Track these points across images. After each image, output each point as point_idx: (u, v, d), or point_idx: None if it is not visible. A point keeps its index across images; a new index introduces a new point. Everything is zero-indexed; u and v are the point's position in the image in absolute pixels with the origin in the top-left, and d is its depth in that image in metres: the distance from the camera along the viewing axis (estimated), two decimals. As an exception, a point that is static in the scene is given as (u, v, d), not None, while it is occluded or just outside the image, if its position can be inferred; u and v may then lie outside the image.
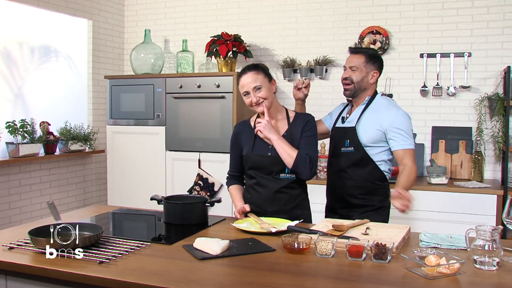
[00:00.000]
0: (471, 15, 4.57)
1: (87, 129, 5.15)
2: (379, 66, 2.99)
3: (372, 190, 2.91)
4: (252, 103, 2.75)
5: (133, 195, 5.05)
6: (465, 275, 1.87)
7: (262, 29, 5.29)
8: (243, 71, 2.79)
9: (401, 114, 2.86)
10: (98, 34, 5.43)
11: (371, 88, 2.97)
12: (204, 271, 1.94)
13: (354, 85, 2.93)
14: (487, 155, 4.51)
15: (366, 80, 2.93)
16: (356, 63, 2.93)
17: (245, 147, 2.88)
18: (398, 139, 2.82)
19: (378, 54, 3.11)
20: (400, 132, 2.81)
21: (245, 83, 2.74)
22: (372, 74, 2.94)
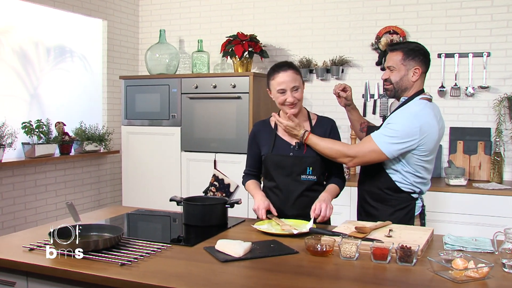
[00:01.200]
0: (490, 14, 4.50)
1: (102, 129, 5.15)
2: (422, 60, 2.67)
3: (382, 199, 2.73)
4: (286, 102, 2.72)
5: (148, 196, 5.04)
6: (494, 279, 1.83)
7: (278, 29, 5.26)
8: (281, 68, 2.73)
9: (405, 120, 2.58)
10: (113, 34, 5.43)
11: (414, 86, 2.69)
12: (227, 273, 1.91)
13: (393, 85, 2.70)
14: (506, 156, 4.45)
15: (406, 79, 2.66)
16: (393, 62, 2.68)
17: (264, 147, 2.86)
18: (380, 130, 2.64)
19: (419, 47, 2.70)
20: (388, 127, 2.60)
21: (284, 80, 2.70)
22: (413, 71, 2.64)
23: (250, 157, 2.98)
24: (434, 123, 2.60)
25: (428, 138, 2.57)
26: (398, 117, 2.62)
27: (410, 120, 2.56)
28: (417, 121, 2.55)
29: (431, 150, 2.64)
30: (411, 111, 2.60)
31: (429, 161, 2.67)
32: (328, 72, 5.01)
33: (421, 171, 2.67)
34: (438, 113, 2.70)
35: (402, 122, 2.58)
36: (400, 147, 2.57)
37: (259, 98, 4.74)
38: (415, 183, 2.69)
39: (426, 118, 2.58)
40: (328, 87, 4.99)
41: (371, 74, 4.81)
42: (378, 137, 2.60)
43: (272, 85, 2.76)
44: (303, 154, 2.77)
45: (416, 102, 2.66)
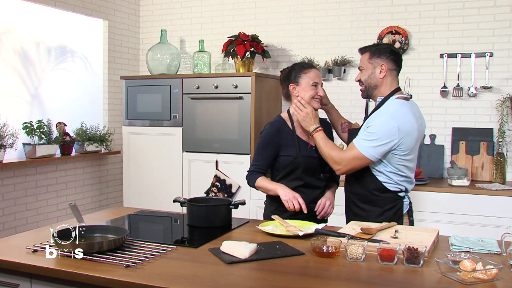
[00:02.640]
0: (493, 14, 4.49)
1: (103, 130, 5.14)
2: (389, 57, 2.71)
3: (370, 201, 2.75)
4: (317, 95, 2.88)
5: (149, 196, 5.02)
6: (503, 281, 1.82)
7: (280, 29, 5.24)
8: (308, 65, 2.94)
9: (384, 122, 2.59)
10: (114, 34, 5.41)
11: (384, 84, 2.71)
12: (234, 275, 1.90)
13: (364, 84, 2.76)
14: (509, 157, 4.44)
15: (374, 76, 2.71)
16: (362, 62, 2.78)
17: (288, 147, 2.89)
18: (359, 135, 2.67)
19: (387, 46, 2.79)
20: (367, 130, 2.62)
21: (317, 75, 2.90)
22: (379, 67, 2.69)
23: (264, 156, 2.93)
24: (412, 121, 2.62)
25: (407, 138, 2.60)
26: (375, 119, 2.63)
27: (387, 121, 2.58)
28: (395, 121, 2.57)
29: (412, 149, 2.67)
30: (388, 111, 2.62)
31: (410, 160, 2.70)
32: (330, 73, 5.00)
33: (404, 170, 2.70)
34: (416, 112, 2.73)
35: (380, 124, 2.60)
36: (381, 150, 2.60)
37: (261, 99, 4.73)
38: (399, 181, 2.72)
39: (403, 117, 2.60)
40: (330, 88, 4.97)
41: (373, 74, 4.80)
42: (358, 143, 2.64)
43: (304, 78, 2.88)
44: None
45: (393, 102, 2.68)
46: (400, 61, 2.78)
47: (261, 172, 2.93)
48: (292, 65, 3.01)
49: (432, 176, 4.57)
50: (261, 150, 2.93)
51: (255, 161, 2.95)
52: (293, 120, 2.94)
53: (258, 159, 2.94)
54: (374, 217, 2.70)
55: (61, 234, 2.19)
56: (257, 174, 2.92)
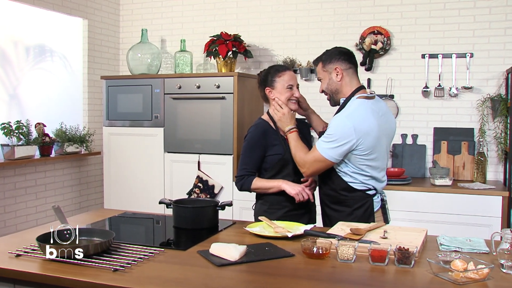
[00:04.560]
0: (473, 16, 4.54)
1: (83, 130, 5.05)
2: (339, 58, 2.73)
3: (339, 201, 2.76)
4: (293, 97, 2.91)
5: (131, 198, 4.96)
6: (494, 280, 1.83)
7: (262, 29, 5.22)
8: (282, 68, 2.95)
9: (340, 122, 2.61)
10: (93, 33, 5.33)
11: (344, 86, 2.72)
12: (225, 278, 1.87)
13: (328, 93, 2.79)
14: (489, 156, 4.49)
15: (332, 82, 2.73)
16: (318, 73, 2.82)
17: (274, 147, 2.89)
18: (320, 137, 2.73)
19: (338, 49, 2.80)
20: (326, 132, 2.66)
21: (291, 78, 2.91)
22: (335, 72, 2.72)
23: (253, 159, 2.90)
24: (370, 121, 2.62)
25: (366, 137, 2.59)
26: (333, 121, 2.66)
27: (343, 122, 2.60)
28: (350, 122, 2.58)
29: (373, 148, 2.65)
30: (345, 112, 2.65)
31: (373, 159, 2.68)
32: (312, 73, 4.99)
33: (367, 169, 2.70)
34: (379, 110, 2.72)
35: (336, 125, 2.62)
36: (339, 151, 2.61)
37: (244, 99, 4.70)
38: (365, 181, 2.72)
39: (359, 117, 2.61)
40: (312, 88, 4.96)
41: (355, 74, 4.80)
42: (319, 145, 2.67)
43: (278, 82, 2.91)
44: None
45: (353, 102, 2.69)
46: (352, 57, 2.79)
47: (253, 175, 2.91)
48: (268, 68, 3.02)
49: (415, 176, 4.59)
50: (249, 153, 2.90)
51: (245, 165, 2.90)
52: (275, 120, 2.94)
53: (247, 162, 2.90)
54: (344, 217, 2.72)
55: (43, 238, 2.14)
56: (249, 177, 2.90)
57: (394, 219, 3.07)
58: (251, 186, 2.88)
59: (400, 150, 4.69)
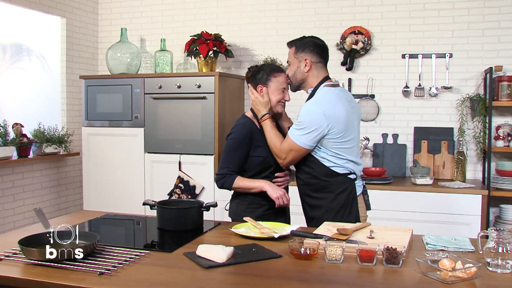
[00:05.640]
0: (452, 17, 4.59)
1: (62, 131, 4.97)
2: (313, 50, 2.78)
3: (322, 187, 2.77)
4: (283, 99, 2.89)
5: (111, 199, 4.89)
6: (481, 279, 1.84)
7: (242, 28, 5.20)
8: (279, 69, 2.92)
9: (310, 109, 2.66)
10: (72, 32, 5.24)
11: (310, 77, 2.78)
12: (213, 280, 1.85)
13: (290, 79, 2.85)
14: (469, 155, 4.54)
15: (299, 71, 2.79)
16: (289, 56, 2.88)
17: (257, 148, 2.88)
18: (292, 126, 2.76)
19: (311, 39, 2.87)
20: (297, 120, 2.70)
21: (285, 80, 2.89)
22: (304, 62, 2.77)
23: (236, 158, 2.87)
24: (337, 105, 2.69)
25: (336, 121, 2.65)
26: (302, 109, 2.70)
27: (312, 109, 2.66)
28: (319, 108, 2.65)
29: (345, 131, 2.70)
30: (313, 100, 2.73)
31: (347, 141, 2.73)
32: (293, 72, 4.98)
33: (342, 153, 2.74)
34: (344, 96, 2.81)
35: (306, 112, 2.67)
36: (312, 137, 2.66)
37: (225, 99, 4.68)
38: (344, 164, 2.76)
39: (327, 103, 2.68)
40: (293, 87, 4.97)
41: (336, 74, 4.78)
42: (291, 133, 2.71)
43: (273, 82, 2.87)
44: None
45: (320, 90, 2.76)
46: (325, 52, 2.84)
47: (234, 174, 2.89)
48: (261, 65, 2.99)
49: (395, 175, 4.63)
50: (233, 152, 2.87)
51: (227, 164, 2.87)
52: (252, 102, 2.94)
53: (230, 161, 2.87)
54: (329, 203, 2.75)
55: (27, 241, 2.10)
56: (231, 175, 2.87)
57: (375, 218, 3.08)
58: (233, 185, 2.86)
59: (381, 150, 4.72)
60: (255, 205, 2.87)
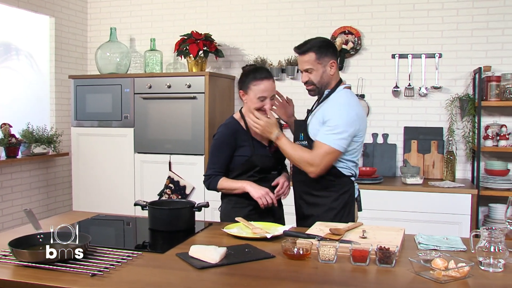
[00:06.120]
0: (441, 17, 4.61)
1: (51, 131, 4.92)
2: (333, 52, 2.77)
3: (327, 186, 2.76)
4: (263, 108, 2.80)
5: (100, 200, 4.86)
6: (474, 278, 1.84)
7: (232, 28, 5.19)
8: (264, 76, 2.79)
9: (343, 113, 2.65)
10: (60, 32, 5.20)
11: (333, 79, 2.78)
12: (207, 281, 1.84)
13: (316, 85, 2.77)
14: (458, 155, 4.57)
15: (326, 75, 2.75)
16: (309, 64, 2.74)
17: (242, 148, 2.85)
18: (322, 129, 2.67)
19: (326, 41, 2.84)
20: (328, 124, 2.64)
21: (267, 89, 2.78)
22: (330, 65, 2.74)
23: (221, 159, 2.87)
24: (360, 107, 2.78)
25: (363, 123, 2.75)
26: (333, 112, 2.67)
27: (346, 111, 2.67)
28: (352, 110, 2.68)
29: (364, 132, 2.78)
30: (342, 102, 2.71)
31: (359, 143, 2.79)
32: (283, 72, 4.99)
33: (351, 154, 2.77)
34: None
35: (340, 115, 2.65)
36: (349, 139, 2.67)
37: (215, 98, 4.67)
38: (352, 167, 2.80)
39: (357, 105, 2.74)
40: (283, 87, 4.95)
41: (327, 74, 4.80)
42: (325, 138, 2.65)
43: (252, 90, 2.79)
44: (279, 155, 2.88)
45: (341, 92, 2.77)
46: (337, 50, 2.88)
47: (220, 174, 2.89)
48: (250, 70, 2.89)
49: (385, 174, 4.64)
50: (217, 153, 2.87)
51: (212, 164, 2.89)
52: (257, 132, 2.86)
53: (215, 162, 2.88)
54: (331, 202, 2.76)
55: (17, 243, 2.07)
56: (216, 176, 2.88)
57: (366, 218, 3.07)
58: (217, 186, 2.87)
59: (371, 150, 4.73)
60: (240, 205, 2.86)
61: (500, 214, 4.14)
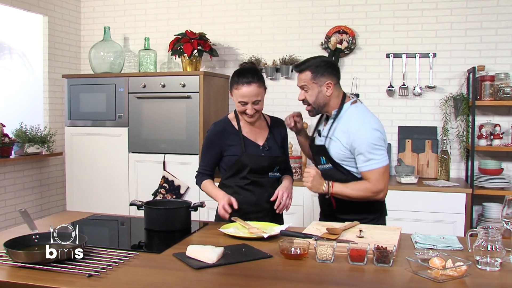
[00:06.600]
0: (435, 16, 4.62)
1: (44, 130, 4.90)
2: (331, 72, 2.66)
3: (366, 208, 2.69)
4: (246, 113, 2.73)
5: (94, 199, 4.84)
6: (471, 277, 1.85)
7: (226, 27, 5.18)
8: (246, 80, 2.68)
9: (368, 131, 2.58)
10: (54, 31, 5.17)
11: (333, 99, 2.68)
12: (204, 281, 1.83)
13: (312, 105, 2.70)
14: (452, 154, 4.58)
15: (322, 96, 2.66)
16: (304, 81, 2.67)
17: (233, 147, 2.81)
18: (360, 160, 2.60)
19: (325, 60, 2.72)
20: (362, 152, 2.57)
21: (247, 94, 2.68)
22: (326, 86, 2.64)
23: (208, 157, 2.89)
24: (375, 117, 2.70)
25: (383, 130, 2.67)
26: (357, 138, 2.57)
27: (370, 131, 2.58)
28: (374, 128, 2.60)
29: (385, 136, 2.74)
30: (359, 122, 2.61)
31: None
32: (278, 71, 4.99)
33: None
34: None
35: (369, 138, 2.57)
36: (385, 149, 2.64)
37: (209, 98, 4.66)
38: None
39: (373, 119, 2.65)
40: (277, 87, 4.99)
41: (321, 73, 4.80)
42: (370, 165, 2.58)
43: (234, 94, 2.74)
44: (274, 154, 2.85)
45: (352, 110, 2.67)
46: (339, 71, 2.75)
47: (207, 173, 2.90)
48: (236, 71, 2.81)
49: (380, 174, 4.64)
50: (205, 151, 2.90)
51: (202, 162, 2.93)
52: (239, 119, 2.86)
53: (203, 160, 2.92)
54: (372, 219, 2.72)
55: (13, 243, 2.06)
56: (203, 176, 2.91)
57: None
58: (201, 187, 2.91)
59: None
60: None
61: (494, 213, 4.16)
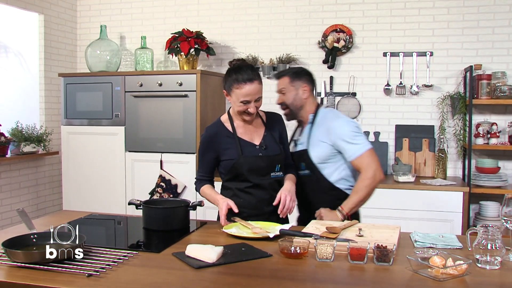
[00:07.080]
0: (432, 15, 4.63)
1: (40, 129, 4.87)
2: (308, 79, 2.92)
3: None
4: (247, 111, 2.67)
5: (91, 199, 4.82)
6: (471, 275, 1.85)
7: (223, 26, 5.17)
8: (248, 78, 2.61)
9: (345, 122, 2.81)
10: (50, 29, 5.15)
11: (308, 103, 2.91)
12: (205, 281, 1.82)
13: (289, 107, 2.91)
14: (449, 153, 4.58)
15: (298, 98, 2.88)
16: (282, 85, 2.93)
17: (228, 150, 2.73)
18: (346, 150, 2.76)
19: (302, 68, 3.04)
20: (345, 141, 2.74)
21: (250, 92, 2.61)
22: (302, 89, 2.88)
23: (204, 163, 2.81)
24: None
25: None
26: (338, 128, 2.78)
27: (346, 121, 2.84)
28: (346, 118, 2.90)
29: None
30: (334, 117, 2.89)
31: None
32: (275, 70, 4.97)
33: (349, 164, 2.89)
34: None
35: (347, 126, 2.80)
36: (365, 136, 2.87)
37: (206, 97, 4.65)
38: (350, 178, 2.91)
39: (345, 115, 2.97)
40: (274, 85, 4.94)
41: (318, 72, 4.77)
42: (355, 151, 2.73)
43: (235, 93, 2.64)
44: (271, 154, 2.77)
45: (326, 111, 2.93)
46: (315, 81, 3.00)
47: (205, 179, 2.85)
48: (233, 69, 2.72)
49: (377, 172, 4.64)
50: (201, 157, 2.83)
51: (199, 168, 2.87)
52: (233, 121, 2.80)
53: (200, 166, 2.86)
54: None
55: (11, 243, 2.04)
56: (201, 182, 2.85)
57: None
58: (200, 193, 2.86)
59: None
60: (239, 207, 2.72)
61: (491, 211, 4.17)
